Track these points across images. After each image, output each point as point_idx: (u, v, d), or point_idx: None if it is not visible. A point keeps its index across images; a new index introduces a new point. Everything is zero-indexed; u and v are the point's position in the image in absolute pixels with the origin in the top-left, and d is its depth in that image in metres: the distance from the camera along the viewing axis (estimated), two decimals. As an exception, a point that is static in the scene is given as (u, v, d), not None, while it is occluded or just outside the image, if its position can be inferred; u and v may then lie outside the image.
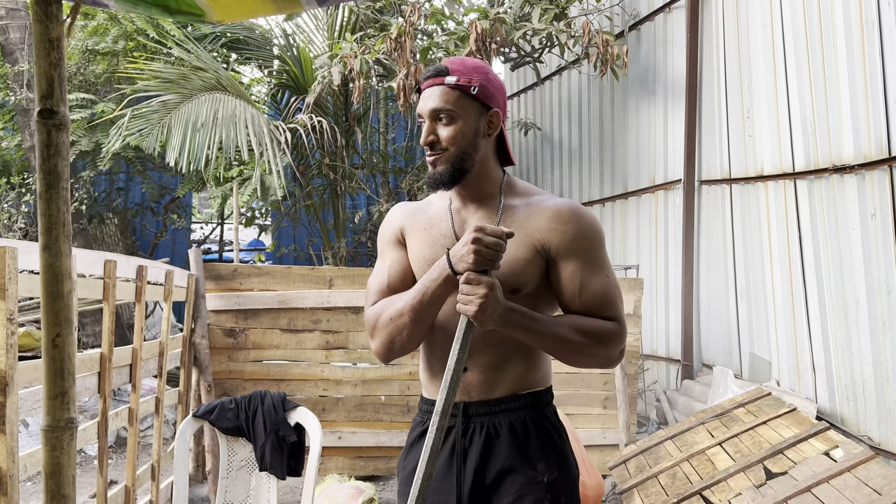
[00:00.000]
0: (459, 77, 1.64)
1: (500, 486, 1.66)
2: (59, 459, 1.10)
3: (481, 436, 1.67)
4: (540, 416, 1.70)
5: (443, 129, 1.65)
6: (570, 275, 1.64)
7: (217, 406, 3.04)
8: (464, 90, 1.64)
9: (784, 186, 5.25)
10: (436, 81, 1.65)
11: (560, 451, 1.70)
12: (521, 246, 1.65)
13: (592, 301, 1.64)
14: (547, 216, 1.66)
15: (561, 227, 1.65)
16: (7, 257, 2.21)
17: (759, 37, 5.54)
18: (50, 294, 1.10)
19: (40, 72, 1.09)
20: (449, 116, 1.64)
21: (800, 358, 5.09)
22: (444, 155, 1.65)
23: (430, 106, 1.65)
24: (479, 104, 1.66)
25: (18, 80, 6.72)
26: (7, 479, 2.24)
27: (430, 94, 1.66)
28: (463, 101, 1.64)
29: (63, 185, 1.09)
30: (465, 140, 1.65)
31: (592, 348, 1.61)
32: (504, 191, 1.73)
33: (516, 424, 1.67)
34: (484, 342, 1.66)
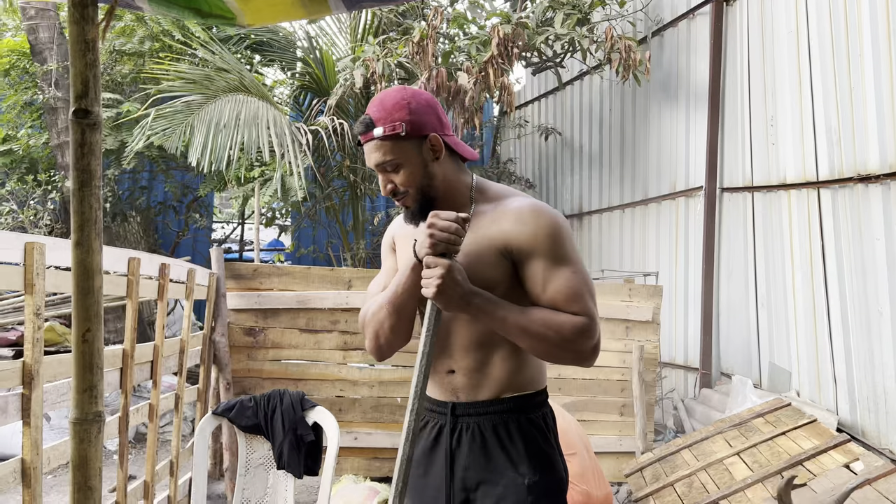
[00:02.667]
0: (384, 125, 1.68)
1: (483, 488, 1.71)
2: (86, 452, 1.12)
3: (467, 435, 1.73)
4: (525, 419, 1.73)
5: (395, 177, 1.71)
6: (535, 272, 1.68)
7: (237, 404, 3.07)
8: (394, 137, 1.68)
9: (807, 195, 5.20)
10: (367, 137, 1.70)
11: (543, 453, 1.73)
12: (487, 249, 1.70)
13: (557, 296, 1.66)
14: (510, 218, 1.70)
15: (521, 227, 1.68)
16: (35, 253, 2.25)
17: (785, 44, 5.50)
18: (81, 290, 1.12)
19: (76, 72, 1.11)
20: (393, 165, 1.70)
21: (821, 369, 5.03)
22: (407, 196, 1.72)
23: (373, 162, 1.71)
24: (414, 139, 1.70)
25: (47, 80, 6.83)
26: (31, 471, 2.28)
27: (369, 151, 1.71)
28: (398, 145, 1.68)
29: (96, 184, 1.12)
30: (418, 176, 1.71)
31: (558, 341, 1.63)
32: (475, 197, 1.78)
33: (500, 428, 1.72)
34: (466, 345, 1.73)
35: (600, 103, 8.55)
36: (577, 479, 3.74)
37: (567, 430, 3.91)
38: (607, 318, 5.12)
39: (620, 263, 7.85)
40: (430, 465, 1.78)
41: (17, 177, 7.26)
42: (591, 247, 8.63)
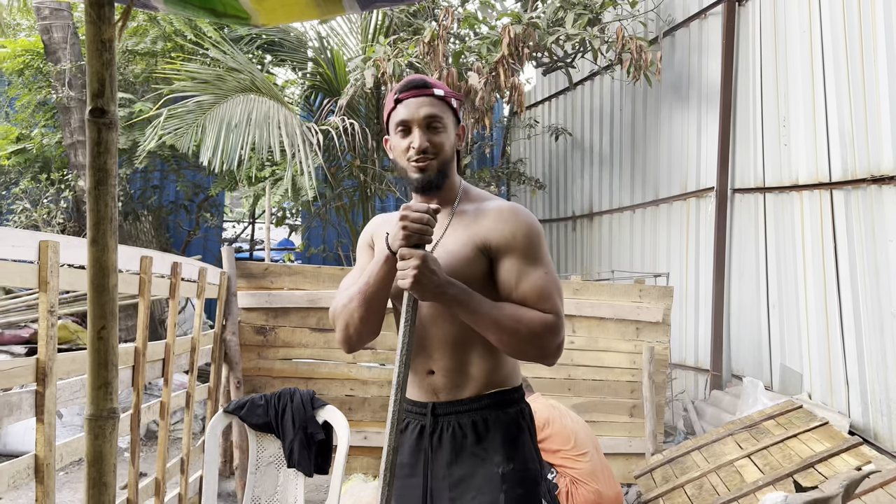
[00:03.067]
0: (445, 91, 1.80)
1: (463, 483, 1.76)
2: (101, 448, 1.13)
3: (448, 434, 1.79)
4: (502, 413, 1.80)
5: (433, 136, 1.77)
6: (508, 269, 1.74)
7: (247, 402, 3.08)
8: (447, 103, 1.81)
9: (820, 196, 5.17)
10: (424, 92, 1.78)
11: (517, 444, 1.79)
12: (465, 245, 1.76)
13: (529, 293, 1.72)
14: (489, 217, 1.78)
15: (500, 226, 1.76)
16: (49, 251, 2.27)
17: (797, 44, 5.47)
18: (96, 287, 1.13)
19: (92, 72, 1.12)
20: (441, 124, 1.78)
21: (833, 371, 5.00)
22: (434, 161, 1.78)
23: (423, 113, 1.76)
24: (455, 118, 1.84)
25: (60, 79, 6.88)
26: (44, 468, 2.30)
27: (421, 103, 1.77)
28: (447, 113, 1.81)
29: (111, 182, 1.13)
30: (450, 148, 1.81)
31: (527, 335, 1.68)
32: (461, 197, 1.87)
33: (479, 424, 1.78)
34: (444, 345, 1.78)
35: (611, 104, 8.53)
36: (589, 479, 3.75)
37: (577, 431, 3.92)
38: (618, 318, 5.11)
39: (631, 264, 7.83)
40: (415, 465, 1.83)
41: (30, 175, 7.32)
42: (602, 247, 8.61)
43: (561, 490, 3.77)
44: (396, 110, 1.80)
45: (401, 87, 1.80)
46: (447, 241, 1.79)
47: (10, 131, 7.54)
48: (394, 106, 1.81)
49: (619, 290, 5.22)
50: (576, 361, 5.11)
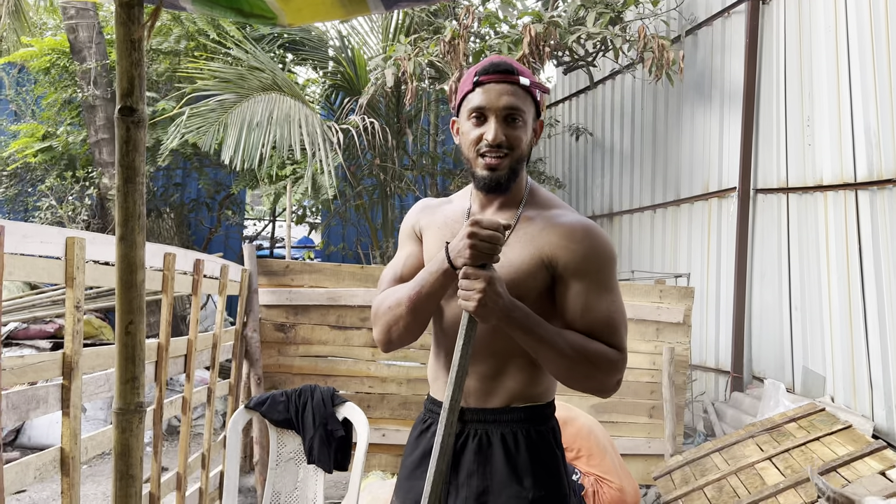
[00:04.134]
0: (531, 80, 1.61)
1: (485, 497, 1.62)
2: (128, 441, 1.15)
3: (474, 442, 1.64)
4: (534, 431, 1.66)
5: (511, 130, 1.59)
6: (576, 294, 1.58)
7: (268, 398, 3.11)
8: (532, 94, 1.61)
9: (844, 197, 5.10)
10: (508, 78, 1.59)
11: (550, 469, 1.65)
12: (528, 257, 1.60)
13: (595, 323, 1.58)
14: (560, 232, 1.60)
15: (572, 245, 1.58)
16: (76, 247, 2.31)
17: (823, 43, 5.40)
18: (124, 283, 1.15)
19: (121, 71, 1.14)
20: (521, 118, 1.60)
21: (856, 374, 4.94)
22: (508, 157, 1.60)
23: (504, 103, 1.57)
24: (535, 111, 1.65)
25: (86, 78, 6.97)
26: (70, 461, 2.34)
27: (503, 91, 1.58)
28: (529, 105, 1.62)
29: (139, 180, 1.14)
30: (525, 143, 1.62)
31: (589, 369, 1.56)
32: (526, 200, 1.69)
33: (508, 437, 1.64)
34: (482, 350, 1.62)
35: (632, 103, 8.48)
36: (611, 476, 3.76)
37: (593, 429, 3.92)
38: (638, 319, 5.08)
39: (651, 264, 7.78)
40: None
41: (56, 173, 7.43)
42: (622, 247, 8.57)
43: (587, 490, 3.77)
44: (474, 93, 1.61)
45: (483, 68, 1.61)
46: (509, 250, 1.61)
47: (36, 129, 7.66)
48: (472, 87, 1.61)
49: (639, 290, 5.19)
50: (595, 361, 5.08)
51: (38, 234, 2.23)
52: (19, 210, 7.87)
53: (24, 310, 5.87)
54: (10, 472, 2.07)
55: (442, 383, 1.70)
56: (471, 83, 1.62)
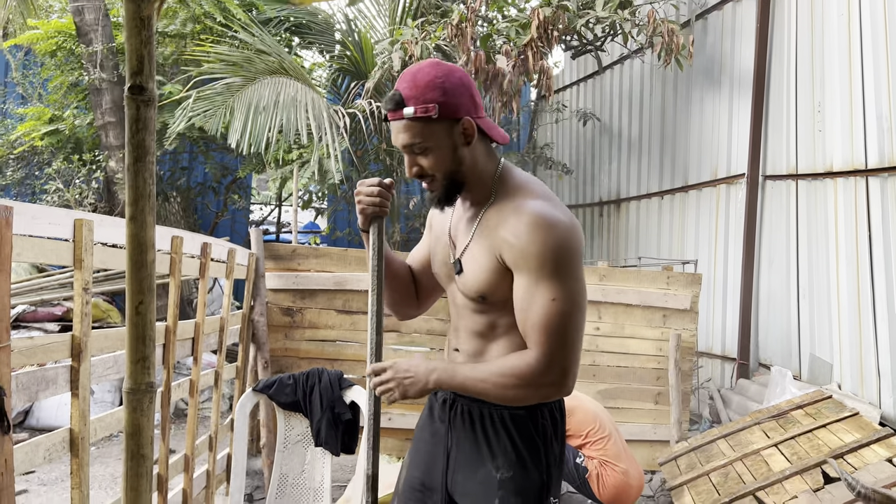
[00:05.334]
0: (415, 105, 1.57)
1: (463, 472, 1.72)
2: (139, 421, 1.15)
3: (461, 417, 1.75)
4: (515, 414, 1.68)
5: (423, 159, 1.63)
6: (518, 290, 1.60)
7: (276, 381, 3.12)
8: (425, 119, 1.59)
9: (854, 183, 5.06)
10: (395, 116, 1.60)
11: (523, 451, 1.67)
12: (486, 252, 1.63)
13: (526, 324, 1.58)
14: (508, 226, 1.60)
15: (513, 240, 1.58)
16: (84, 229, 2.31)
17: (835, 27, 5.34)
18: (135, 263, 1.14)
19: (131, 49, 1.13)
20: (422, 148, 1.61)
21: (864, 361, 4.92)
22: (434, 181, 1.66)
23: (400, 142, 1.62)
24: (445, 122, 1.61)
25: (92, 61, 6.95)
26: (79, 441, 2.35)
27: (396, 130, 1.62)
28: (429, 128, 1.59)
29: (150, 159, 1.14)
30: (447, 161, 1.63)
31: (516, 388, 1.58)
32: (496, 190, 1.68)
33: (486, 418, 1.70)
34: (470, 331, 1.74)
35: (640, 88, 8.42)
36: (615, 459, 3.80)
37: (598, 415, 3.96)
38: (645, 305, 5.07)
39: (658, 251, 7.76)
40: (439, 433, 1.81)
41: (63, 156, 7.43)
42: (629, 234, 8.54)
43: (591, 473, 3.79)
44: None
45: (384, 104, 1.64)
46: (474, 246, 1.67)
47: (43, 112, 7.65)
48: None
49: (646, 276, 5.18)
50: (601, 348, 5.09)
51: (46, 215, 2.23)
52: (26, 193, 7.88)
53: (32, 292, 5.90)
54: (20, 453, 2.08)
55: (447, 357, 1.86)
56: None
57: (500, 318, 1.68)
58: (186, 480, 3.45)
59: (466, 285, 1.68)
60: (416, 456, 1.86)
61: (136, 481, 1.16)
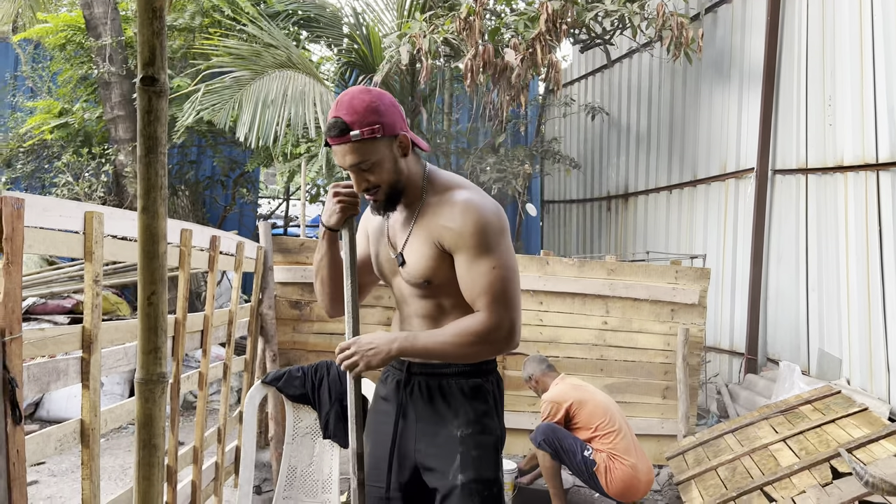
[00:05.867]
0: (361, 129, 1.77)
1: (426, 438, 1.94)
2: (151, 411, 1.16)
3: (418, 391, 1.96)
4: (467, 382, 1.93)
5: (370, 175, 1.83)
6: (459, 267, 1.83)
7: (285, 374, 3.13)
8: (370, 139, 1.79)
9: (865, 178, 5.03)
10: (343, 140, 1.78)
11: (478, 412, 1.93)
12: (426, 242, 1.86)
13: (472, 290, 1.81)
14: (445, 213, 1.84)
15: (450, 224, 1.82)
16: (94, 222, 2.32)
17: (846, 20, 5.30)
18: (147, 254, 1.15)
19: (143, 40, 1.13)
20: (368, 165, 1.81)
21: (874, 357, 4.90)
22: (379, 191, 1.87)
23: (347, 163, 1.82)
24: (386, 139, 1.82)
25: (101, 54, 6.97)
26: (90, 432, 2.36)
27: (343, 153, 1.80)
28: (374, 147, 1.80)
29: (161, 150, 1.14)
30: (391, 173, 1.85)
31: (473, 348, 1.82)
32: (425, 188, 1.92)
33: (444, 387, 1.93)
34: (419, 316, 1.94)
35: (649, 82, 8.38)
36: (624, 453, 3.80)
37: (608, 409, 3.95)
38: (653, 299, 5.06)
39: (667, 245, 7.74)
40: (389, 413, 2.01)
41: (72, 150, 7.46)
42: (637, 228, 8.52)
43: (599, 466, 3.80)
44: (332, 152, 1.92)
45: (326, 130, 1.82)
46: (413, 240, 1.88)
47: (52, 106, 7.68)
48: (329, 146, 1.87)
49: (654, 271, 5.17)
50: (609, 342, 5.09)
51: (57, 207, 2.24)
52: (36, 186, 7.92)
53: (42, 285, 5.93)
54: (32, 444, 2.10)
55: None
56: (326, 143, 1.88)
57: (444, 300, 1.91)
58: (195, 472, 3.47)
59: (411, 274, 1.89)
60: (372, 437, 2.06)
61: (147, 471, 1.17)
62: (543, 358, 4.34)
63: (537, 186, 11.33)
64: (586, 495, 4.48)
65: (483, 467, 1.90)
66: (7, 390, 1.89)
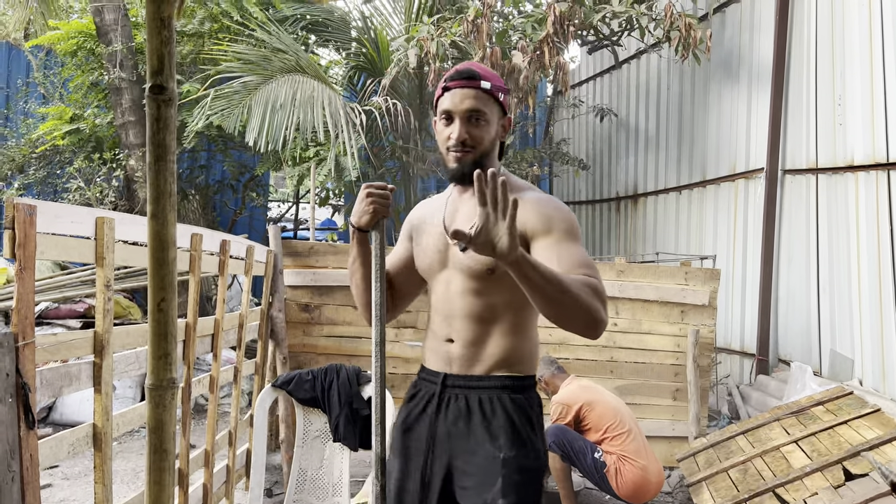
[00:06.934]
0: (492, 83, 1.80)
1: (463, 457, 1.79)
2: (161, 416, 1.17)
3: (455, 405, 1.83)
4: (511, 398, 1.80)
5: (474, 129, 1.79)
6: (547, 248, 1.69)
7: (295, 377, 3.14)
8: (494, 96, 1.81)
9: (876, 177, 5.00)
10: (471, 84, 1.78)
11: (522, 432, 1.78)
12: None
13: (572, 265, 1.63)
14: (527, 206, 1.75)
15: (535, 211, 1.74)
16: (105, 227, 2.34)
17: (856, 19, 5.27)
18: (157, 260, 1.16)
19: (151, 49, 1.14)
20: (484, 119, 1.79)
21: (886, 357, 4.87)
22: (471, 153, 1.80)
23: (467, 106, 1.77)
24: (500, 110, 1.84)
25: (112, 60, 7.02)
26: (102, 436, 2.38)
27: (464, 96, 1.78)
28: (492, 105, 1.81)
29: (170, 158, 1.15)
30: (490, 141, 1.82)
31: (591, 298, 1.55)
32: None
33: (485, 402, 1.80)
34: (468, 316, 1.81)
35: (658, 83, 8.36)
36: (635, 455, 3.79)
37: (619, 410, 3.94)
38: (663, 301, 5.05)
39: (676, 246, 7.71)
40: (417, 429, 1.88)
41: (83, 155, 7.52)
42: (646, 229, 8.50)
43: (609, 468, 3.79)
44: (443, 97, 1.82)
45: (449, 76, 1.82)
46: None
47: (64, 112, 7.74)
48: (441, 93, 1.83)
49: (664, 272, 5.15)
50: (618, 344, 5.08)
51: (69, 213, 2.26)
52: (48, 192, 7.99)
53: (55, 290, 5.98)
54: (45, 447, 2.12)
55: (430, 353, 1.93)
56: (440, 89, 1.84)
57: (497, 297, 1.79)
58: (207, 475, 3.49)
59: (476, 258, 1.74)
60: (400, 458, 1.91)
61: (158, 475, 1.18)
62: (553, 360, 4.34)
63: (546, 188, 11.32)
64: (597, 497, 4.47)
65: (525, 493, 1.76)
66: (20, 395, 1.91)
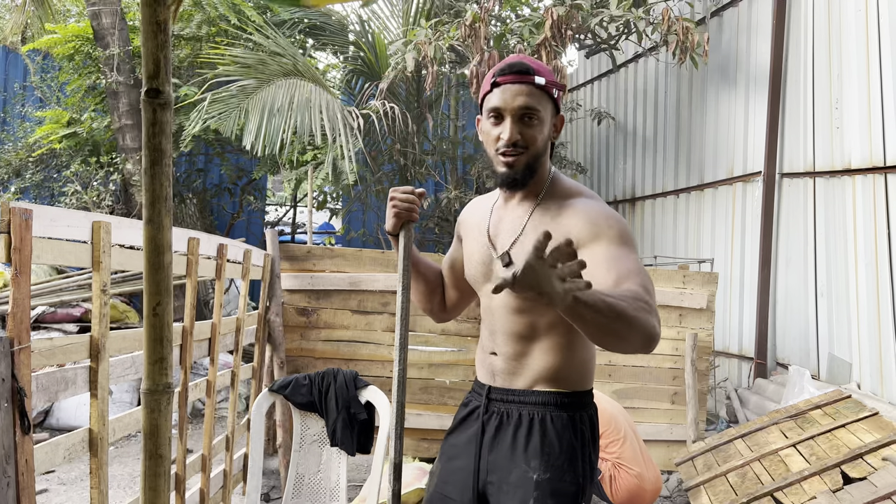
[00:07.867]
0: (547, 79, 1.65)
1: (498, 474, 1.69)
2: (157, 421, 1.16)
3: (496, 420, 1.74)
4: (553, 416, 1.67)
5: (526, 129, 1.64)
6: (597, 256, 1.53)
7: (292, 381, 3.13)
8: (548, 93, 1.65)
9: (874, 181, 5.01)
10: (524, 79, 1.63)
11: (560, 453, 1.65)
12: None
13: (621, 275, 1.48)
14: (574, 214, 1.63)
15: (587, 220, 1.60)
16: (102, 231, 2.33)
17: (853, 23, 5.29)
18: (152, 265, 1.15)
19: (147, 53, 1.14)
20: (537, 118, 1.64)
21: (884, 360, 4.87)
22: (523, 155, 1.65)
23: (519, 104, 1.62)
24: (554, 108, 1.70)
25: (109, 64, 7.02)
26: (98, 441, 2.37)
27: (518, 92, 1.62)
28: (545, 103, 1.66)
29: (166, 162, 1.14)
30: (543, 142, 1.68)
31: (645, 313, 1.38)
32: (546, 190, 1.72)
33: (524, 419, 1.69)
34: (510, 333, 1.71)
35: (655, 86, 8.37)
36: (630, 462, 3.77)
37: (615, 415, 3.92)
38: (661, 304, 5.04)
39: (674, 250, 7.71)
40: (464, 440, 1.80)
41: (80, 159, 7.50)
42: (644, 233, 8.50)
43: (604, 475, 3.77)
44: (492, 93, 1.67)
45: (500, 69, 1.66)
46: (527, 238, 1.66)
47: (61, 115, 7.73)
48: (490, 88, 1.68)
49: (662, 275, 5.15)
50: (617, 347, 5.06)
51: (65, 218, 2.25)
52: (45, 196, 7.97)
53: (52, 294, 5.96)
54: (41, 453, 2.11)
55: (479, 365, 1.85)
56: (489, 84, 1.68)
57: (540, 318, 1.67)
58: (204, 480, 3.48)
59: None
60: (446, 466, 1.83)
61: (154, 481, 1.18)
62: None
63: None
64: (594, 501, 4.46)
65: None
66: (16, 400, 1.90)
